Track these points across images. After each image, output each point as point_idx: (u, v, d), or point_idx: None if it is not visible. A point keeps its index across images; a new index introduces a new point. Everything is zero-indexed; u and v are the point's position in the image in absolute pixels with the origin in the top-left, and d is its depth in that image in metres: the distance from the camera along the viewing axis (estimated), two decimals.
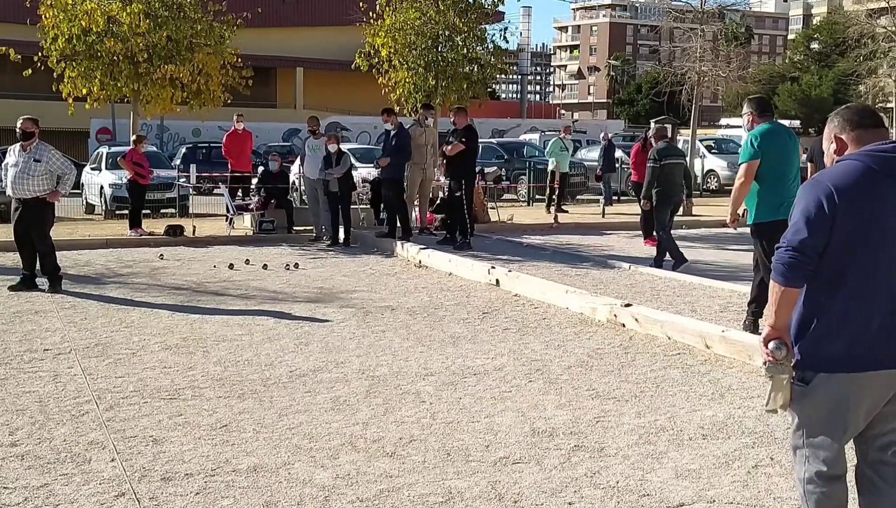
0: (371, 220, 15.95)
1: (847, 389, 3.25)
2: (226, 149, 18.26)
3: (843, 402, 3.27)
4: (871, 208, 3.19)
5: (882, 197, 3.20)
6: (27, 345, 7.47)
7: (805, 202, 3.24)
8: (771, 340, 3.31)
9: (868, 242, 3.20)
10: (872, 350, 3.22)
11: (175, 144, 36.63)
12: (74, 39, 15.95)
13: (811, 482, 3.36)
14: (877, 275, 3.22)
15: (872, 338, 3.22)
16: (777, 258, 3.26)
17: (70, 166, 10.22)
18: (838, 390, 3.25)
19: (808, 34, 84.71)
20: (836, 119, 3.40)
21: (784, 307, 3.27)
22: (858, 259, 3.21)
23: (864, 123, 3.34)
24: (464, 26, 17.78)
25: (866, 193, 3.19)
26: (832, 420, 3.30)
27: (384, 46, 17.68)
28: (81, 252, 13.18)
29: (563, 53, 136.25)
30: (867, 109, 3.48)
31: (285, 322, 8.45)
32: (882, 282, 3.22)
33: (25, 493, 4.38)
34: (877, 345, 3.22)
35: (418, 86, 17.71)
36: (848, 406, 3.27)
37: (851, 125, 3.34)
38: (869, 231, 3.19)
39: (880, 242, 3.21)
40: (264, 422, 5.49)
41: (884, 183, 3.21)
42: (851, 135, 3.34)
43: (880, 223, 3.20)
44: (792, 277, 3.22)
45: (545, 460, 4.87)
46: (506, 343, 7.64)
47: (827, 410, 3.29)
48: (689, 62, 25.52)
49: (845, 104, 3.67)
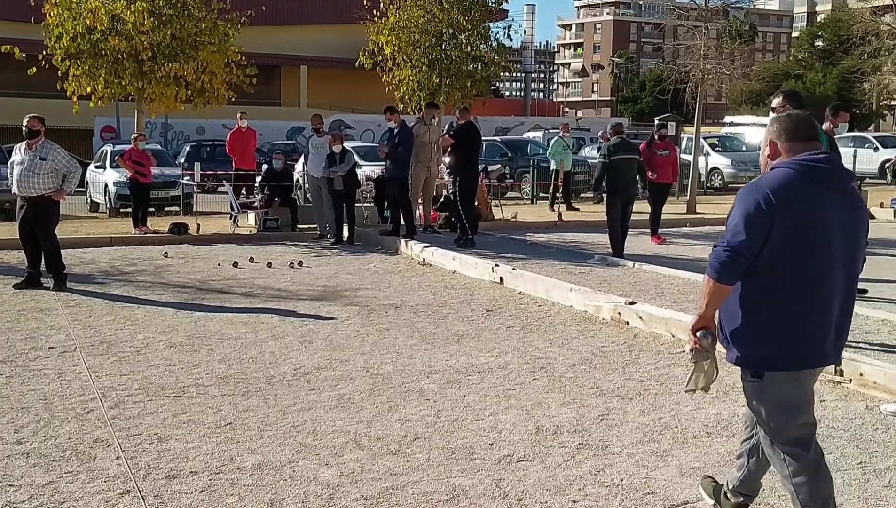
0: (375, 218, 15.95)
1: (792, 384, 3.54)
2: (230, 147, 18.27)
3: (794, 395, 3.57)
4: (805, 214, 3.39)
5: (815, 204, 3.40)
6: (32, 343, 7.49)
7: (744, 206, 3.41)
8: (699, 329, 3.60)
9: (803, 245, 3.39)
10: (811, 348, 3.50)
11: (179, 143, 36.64)
12: (79, 38, 15.95)
13: (796, 473, 3.56)
14: (812, 277, 3.42)
15: (809, 337, 3.47)
16: (714, 256, 3.45)
17: (75, 165, 10.23)
18: (786, 385, 3.53)
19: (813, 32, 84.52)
20: (774, 125, 3.60)
21: (714, 301, 3.50)
22: (795, 262, 3.40)
23: (798, 135, 3.54)
24: (467, 24, 17.77)
25: (801, 199, 3.39)
26: (790, 411, 3.58)
27: (388, 44, 17.68)
28: (86, 250, 13.20)
29: (566, 51, 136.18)
30: (806, 121, 3.63)
31: (289, 320, 8.46)
32: (817, 284, 3.43)
33: (31, 491, 4.39)
34: (814, 343, 3.49)
35: (422, 84, 17.71)
36: (798, 398, 3.59)
37: (787, 135, 3.55)
38: (804, 235, 3.39)
39: (815, 245, 3.41)
40: (269, 420, 5.49)
41: (816, 191, 3.41)
42: (785, 145, 3.55)
43: (815, 228, 3.40)
44: (726, 275, 3.42)
45: (549, 458, 4.87)
46: (510, 341, 7.64)
47: (782, 404, 3.57)
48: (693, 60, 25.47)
49: (786, 113, 3.80)
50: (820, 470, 3.59)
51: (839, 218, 3.45)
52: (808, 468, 3.56)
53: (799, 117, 3.64)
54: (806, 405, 3.63)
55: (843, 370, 6.25)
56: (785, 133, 3.56)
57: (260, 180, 16.90)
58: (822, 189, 3.42)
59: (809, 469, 3.56)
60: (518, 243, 14.14)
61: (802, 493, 3.55)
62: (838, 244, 3.45)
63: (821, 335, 3.50)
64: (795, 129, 3.56)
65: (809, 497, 3.55)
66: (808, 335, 3.47)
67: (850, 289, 3.56)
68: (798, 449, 3.57)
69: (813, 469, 3.57)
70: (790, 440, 3.58)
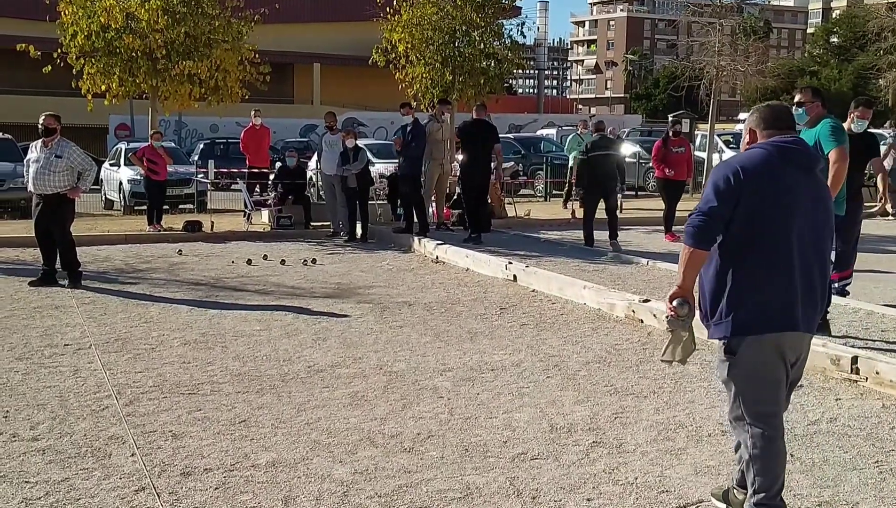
0: (388, 215, 15.96)
1: (767, 348, 3.70)
2: (243, 145, 18.30)
3: (767, 362, 3.72)
4: (772, 188, 3.66)
5: (781, 179, 3.68)
6: (48, 340, 7.53)
7: (715, 178, 3.72)
8: (676, 298, 3.76)
9: (771, 218, 3.65)
10: (783, 313, 3.68)
11: (193, 140, 36.77)
12: (93, 36, 16.01)
13: (756, 446, 3.76)
14: (780, 247, 3.66)
15: (781, 303, 3.67)
16: (689, 223, 3.70)
17: (90, 163, 10.28)
18: (760, 350, 3.70)
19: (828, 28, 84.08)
20: (755, 115, 3.89)
21: (691, 269, 3.70)
22: (764, 233, 3.65)
23: (777, 124, 3.83)
24: (481, 21, 17.74)
25: (768, 174, 3.67)
26: (762, 382, 3.75)
27: (401, 42, 17.66)
28: (101, 248, 13.26)
29: (580, 48, 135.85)
30: (784, 111, 3.92)
31: (303, 318, 8.47)
32: (786, 253, 3.66)
33: (47, 487, 4.41)
34: (786, 309, 3.68)
35: (435, 81, 17.69)
36: (772, 365, 3.73)
37: (765, 123, 3.84)
38: (770, 206, 3.65)
39: (781, 218, 3.66)
40: (283, 417, 5.50)
41: (783, 168, 3.70)
42: (764, 133, 3.84)
43: (781, 201, 3.66)
44: (701, 239, 3.65)
45: (563, 456, 4.86)
46: (523, 339, 7.63)
47: (756, 373, 3.73)
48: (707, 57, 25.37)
49: (767, 102, 4.03)
50: (778, 449, 3.79)
51: (806, 195, 3.72)
52: (768, 445, 3.75)
53: (777, 108, 3.92)
54: (774, 381, 3.77)
55: (859, 369, 6.21)
56: (763, 122, 3.84)
57: (273, 178, 16.92)
58: (790, 166, 3.70)
59: (769, 446, 3.75)
60: (531, 240, 14.11)
61: (758, 467, 3.77)
62: (803, 218, 3.69)
63: (785, 301, 3.68)
64: (773, 118, 3.84)
65: (764, 472, 3.76)
66: (772, 301, 3.67)
67: (818, 263, 3.76)
68: (763, 425, 3.76)
69: (773, 446, 3.76)
70: (758, 415, 3.76)
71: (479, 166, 13.65)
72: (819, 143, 6.99)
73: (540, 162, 24.10)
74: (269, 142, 18.95)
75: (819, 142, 7.00)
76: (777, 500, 3.82)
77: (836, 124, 7.12)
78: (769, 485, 3.78)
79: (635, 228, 15.90)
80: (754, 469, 3.79)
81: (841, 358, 6.34)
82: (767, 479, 3.77)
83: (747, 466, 3.83)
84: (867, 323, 7.73)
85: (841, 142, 7.00)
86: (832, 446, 5.03)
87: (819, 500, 4.30)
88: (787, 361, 3.77)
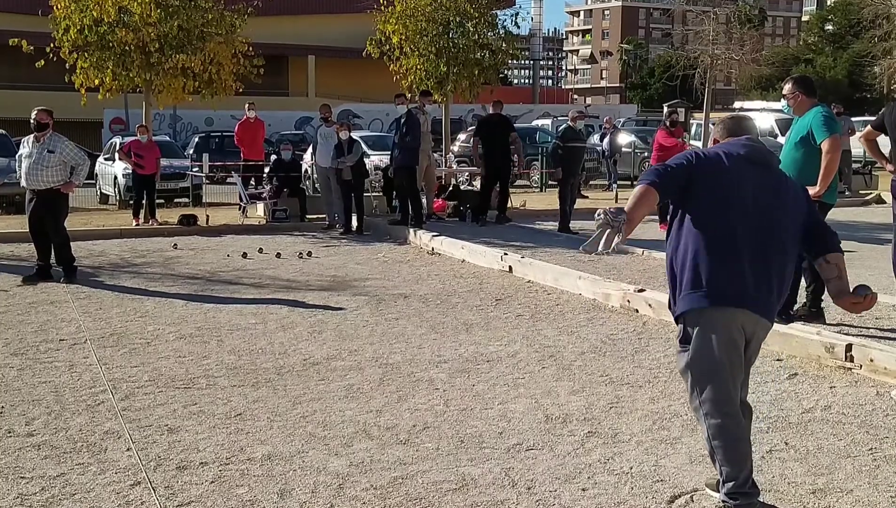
0: (383, 207, 15.95)
1: (719, 328, 3.81)
2: (238, 138, 18.27)
3: (720, 342, 3.81)
4: (730, 177, 3.84)
5: (740, 170, 3.86)
6: (43, 335, 7.52)
7: (681, 155, 4.01)
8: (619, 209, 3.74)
9: (728, 204, 3.81)
10: (734, 291, 3.80)
11: (188, 134, 36.72)
12: (86, 30, 15.92)
13: (715, 436, 3.84)
14: (733, 231, 3.80)
15: (739, 283, 3.79)
16: (648, 169, 3.98)
17: (84, 157, 10.25)
18: (713, 331, 3.81)
19: (823, 15, 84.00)
20: (720, 126, 4.17)
21: (639, 204, 3.74)
22: (717, 217, 3.80)
23: (735, 133, 4.07)
24: (475, 12, 17.70)
25: (727, 165, 3.87)
26: (715, 369, 3.82)
27: (395, 33, 17.63)
28: (96, 242, 13.24)
29: (575, 38, 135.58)
30: (746, 124, 4.17)
31: (299, 311, 8.47)
32: (742, 237, 3.80)
33: (42, 483, 4.41)
34: (742, 289, 3.80)
35: (429, 72, 17.66)
36: (725, 346, 3.81)
37: (727, 133, 4.10)
38: (729, 195, 3.82)
39: (738, 205, 3.81)
40: (278, 410, 5.51)
41: (742, 161, 3.89)
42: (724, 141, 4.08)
43: (739, 190, 3.83)
44: (658, 181, 3.77)
45: (559, 446, 4.87)
46: (519, 330, 7.64)
47: (709, 358, 3.82)
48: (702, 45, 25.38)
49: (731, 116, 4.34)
50: (738, 436, 3.86)
51: (760, 184, 3.89)
52: (726, 433, 3.83)
53: (740, 119, 4.21)
54: (727, 366, 3.84)
55: (853, 357, 6.22)
56: (726, 131, 4.10)
57: (269, 171, 16.89)
58: (744, 161, 3.90)
59: (728, 434, 3.83)
60: (527, 231, 14.12)
61: (720, 456, 3.86)
62: (756, 207, 3.84)
63: (736, 281, 3.79)
64: (736, 129, 4.08)
65: (728, 460, 3.84)
66: (723, 280, 3.78)
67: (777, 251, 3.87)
68: (719, 414, 3.83)
69: (731, 433, 3.83)
70: (714, 403, 3.84)
71: (497, 155, 14.88)
72: (811, 132, 6.99)
73: (535, 153, 24.06)
74: (263, 135, 18.91)
75: (811, 131, 6.99)
76: (747, 487, 3.86)
77: (827, 113, 7.10)
78: (736, 473, 3.84)
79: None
80: (718, 458, 3.87)
81: (835, 346, 6.35)
82: (734, 468, 3.84)
83: (712, 456, 3.92)
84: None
85: (833, 131, 6.98)
86: (826, 433, 5.04)
87: (813, 487, 4.31)
88: (738, 343, 3.86)
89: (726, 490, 3.86)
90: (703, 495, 4.21)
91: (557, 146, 14.03)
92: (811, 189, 7.00)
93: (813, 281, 7.35)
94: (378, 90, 43.31)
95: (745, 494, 3.85)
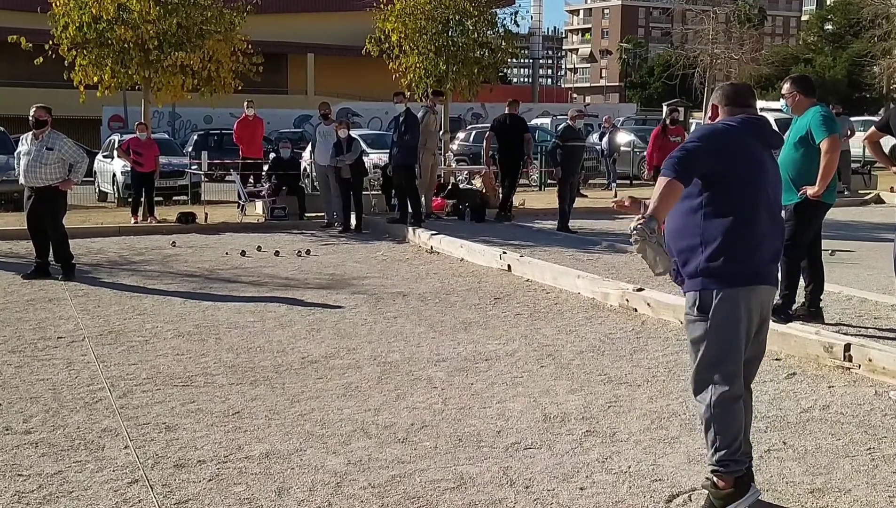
0: (382, 206, 15.94)
1: (741, 302, 3.85)
2: (237, 136, 18.26)
3: (740, 316, 3.85)
4: (744, 151, 3.89)
5: (750, 146, 3.92)
6: (41, 333, 7.51)
7: (698, 132, 4.04)
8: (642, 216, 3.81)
9: (744, 177, 3.87)
10: (757, 268, 3.88)
11: (186, 132, 36.68)
12: (85, 27, 15.90)
13: (718, 405, 3.87)
14: (757, 207, 3.88)
15: (755, 258, 3.87)
16: (670, 157, 3.84)
17: (82, 154, 10.24)
18: (733, 304, 3.84)
19: (822, 15, 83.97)
20: (718, 92, 4.12)
21: (665, 199, 3.77)
22: (737, 191, 3.85)
23: (737, 101, 4.05)
24: (474, 10, 17.71)
25: (741, 140, 3.91)
26: (731, 338, 3.86)
27: (394, 31, 17.63)
28: (94, 240, 13.23)
29: (574, 37, 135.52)
30: (746, 90, 4.15)
31: (297, 309, 8.46)
32: (757, 212, 3.88)
33: (40, 480, 4.41)
34: (760, 264, 3.89)
35: (429, 71, 17.67)
36: (743, 319, 3.87)
37: (727, 100, 4.06)
38: (744, 168, 3.87)
39: (752, 179, 3.89)
40: (276, 409, 5.50)
41: (751, 138, 3.94)
42: (725, 109, 4.06)
43: (753, 164, 3.90)
44: (681, 171, 3.75)
45: (557, 445, 4.87)
46: (517, 329, 7.63)
47: (727, 328, 3.85)
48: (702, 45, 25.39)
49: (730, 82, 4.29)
50: (739, 408, 3.90)
51: (768, 164, 4.00)
52: (731, 404, 3.87)
53: (739, 87, 4.19)
54: (741, 338, 3.88)
55: (852, 356, 6.22)
56: (725, 98, 4.06)
57: (267, 169, 16.88)
58: (755, 138, 3.96)
59: (732, 406, 3.87)
60: (526, 230, 14.11)
61: (718, 426, 3.89)
62: (766, 183, 3.95)
63: (753, 254, 3.87)
64: (735, 96, 4.07)
65: (724, 430, 3.88)
66: (747, 256, 3.85)
67: (777, 224, 4.05)
68: (727, 384, 3.86)
69: (735, 405, 3.88)
70: (724, 374, 3.86)
71: (512, 153, 15.18)
72: (810, 131, 6.98)
73: (535, 151, 24.03)
74: (262, 133, 18.90)
75: (810, 130, 6.98)
76: (739, 455, 3.90)
77: (826, 113, 7.08)
78: (730, 442, 3.87)
79: (629, 217, 15.86)
80: (715, 426, 3.89)
81: (834, 346, 6.35)
82: (727, 436, 3.87)
83: (707, 426, 3.93)
84: (860, 310, 7.75)
85: (832, 131, 6.97)
86: (825, 433, 5.04)
87: (811, 487, 4.31)
88: (753, 318, 3.92)
89: (717, 458, 3.91)
90: (702, 494, 4.20)
91: (557, 145, 14.05)
92: (810, 189, 7.02)
93: (811, 281, 7.35)
94: (377, 88, 43.28)
95: (735, 461, 3.91)
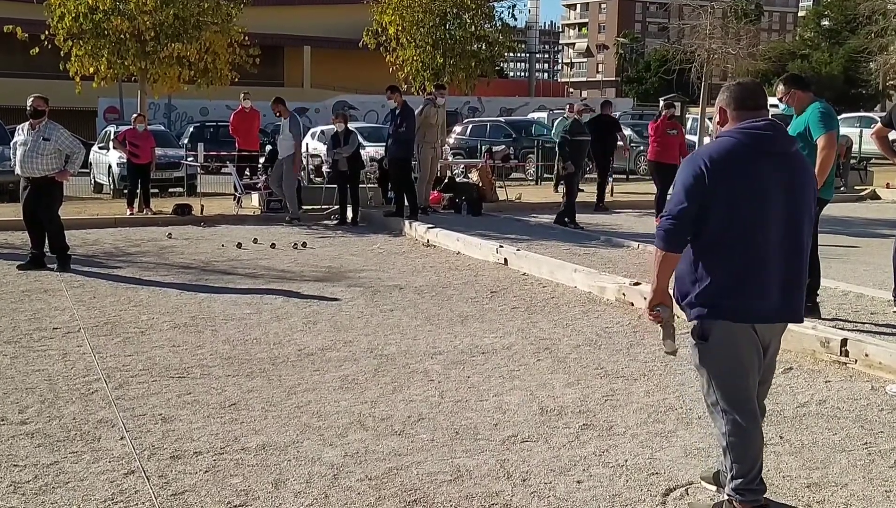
0: (379, 199, 15.92)
1: (740, 336, 3.69)
2: (233, 128, 18.20)
3: (740, 348, 3.71)
4: (744, 179, 3.60)
5: (752, 169, 3.61)
6: (36, 324, 7.49)
7: (683, 176, 3.68)
8: (656, 304, 3.81)
9: (744, 208, 3.60)
10: (757, 304, 3.67)
11: (183, 124, 36.63)
12: (81, 18, 15.88)
13: (731, 433, 3.75)
14: (754, 237, 3.62)
15: (748, 292, 3.65)
16: (660, 226, 3.71)
17: (79, 146, 10.20)
18: (732, 336, 3.69)
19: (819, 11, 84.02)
20: (725, 93, 3.80)
21: (665, 271, 3.74)
22: (738, 224, 3.61)
23: (746, 104, 3.73)
24: (472, 4, 17.72)
25: (739, 166, 3.61)
26: (734, 368, 3.73)
27: (392, 24, 17.63)
28: (90, 231, 13.20)
29: (571, 31, 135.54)
30: (755, 90, 3.80)
31: (294, 301, 8.45)
32: (761, 243, 3.63)
33: (35, 471, 4.40)
34: (753, 299, 3.66)
35: (426, 64, 17.68)
36: (744, 351, 3.71)
37: (735, 103, 3.74)
38: (744, 199, 3.60)
39: (753, 206, 3.61)
40: (273, 401, 5.50)
41: (754, 157, 3.62)
42: (734, 113, 3.75)
43: (754, 191, 3.60)
44: (672, 242, 3.68)
45: (553, 438, 4.86)
46: (514, 322, 7.63)
47: (728, 359, 3.73)
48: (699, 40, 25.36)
49: (738, 80, 3.94)
50: (754, 435, 3.77)
51: (779, 179, 3.64)
52: (743, 431, 3.74)
53: (747, 86, 3.81)
54: (746, 368, 3.75)
55: (848, 351, 6.23)
56: (734, 102, 3.75)
57: (263, 161, 16.85)
58: (761, 153, 3.63)
59: (744, 433, 3.75)
60: (522, 223, 14.11)
61: (734, 454, 3.77)
62: (777, 208, 3.63)
63: (761, 291, 3.66)
64: (743, 98, 3.74)
65: (741, 458, 3.76)
66: (747, 291, 3.66)
67: (796, 246, 3.72)
68: (736, 412, 3.74)
69: (748, 433, 3.75)
70: (731, 402, 3.75)
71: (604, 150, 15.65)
72: (808, 128, 6.98)
73: (531, 145, 24.04)
74: (258, 125, 18.84)
75: (808, 127, 6.98)
76: (755, 483, 3.80)
77: (825, 109, 7.08)
78: (747, 470, 3.77)
79: (626, 211, 15.91)
80: (731, 455, 3.78)
81: (830, 341, 6.36)
82: (745, 465, 3.76)
83: (724, 452, 3.82)
84: (856, 306, 7.76)
85: (830, 128, 6.97)
86: (821, 428, 5.04)
87: (808, 482, 4.31)
88: (758, 348, 3.76)
89: (734, 486, 3.79)
90: (699, 488, 4.21)
91: (565, 140, 13.90)
92: None
93: (808, 276, 7.35)
94: (374, 81, 43.17)
95: (753, 490, 3.79)
